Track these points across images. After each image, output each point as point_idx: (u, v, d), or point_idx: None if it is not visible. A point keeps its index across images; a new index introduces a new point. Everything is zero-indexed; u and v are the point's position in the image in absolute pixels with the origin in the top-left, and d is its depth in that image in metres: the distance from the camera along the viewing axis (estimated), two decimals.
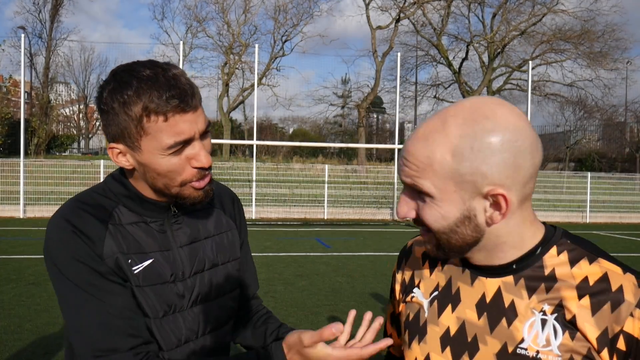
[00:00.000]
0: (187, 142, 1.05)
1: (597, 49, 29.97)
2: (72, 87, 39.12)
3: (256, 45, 19.02)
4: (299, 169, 20.93)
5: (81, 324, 1.06)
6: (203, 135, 1.09)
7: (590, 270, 0.86)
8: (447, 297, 0.97)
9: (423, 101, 34.91)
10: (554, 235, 0.92)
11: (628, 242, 13.43)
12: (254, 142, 17.61)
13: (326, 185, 19.03)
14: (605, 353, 0.82)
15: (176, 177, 1.07)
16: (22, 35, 17.78)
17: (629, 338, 0.81)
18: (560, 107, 34.58)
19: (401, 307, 1.08)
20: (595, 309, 0.83)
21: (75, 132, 38.77)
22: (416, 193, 0.89)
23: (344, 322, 1.05)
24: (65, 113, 39.46)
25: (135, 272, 1.11)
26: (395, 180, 19.09)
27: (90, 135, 40.44)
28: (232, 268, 1.29)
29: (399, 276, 1.11)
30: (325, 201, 18.81)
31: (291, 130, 42.74)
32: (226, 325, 1.28)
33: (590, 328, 0.82)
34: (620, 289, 0.83)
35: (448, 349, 0.94)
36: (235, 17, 32.10)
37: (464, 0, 29.23)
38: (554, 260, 0.89)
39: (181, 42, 18.92)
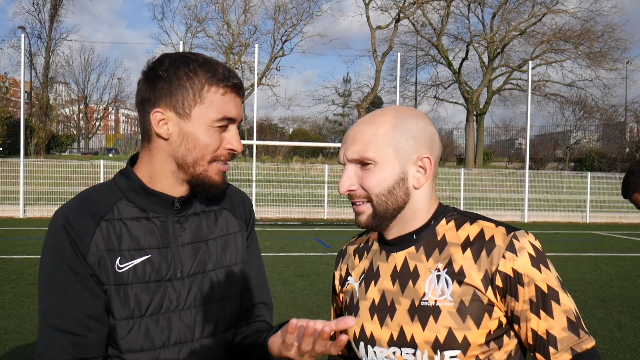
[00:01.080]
0: (230, 122, 1.14)
1: (597, 49, 29.98)
2: (72, 87, 39.11)
3: (256, 45, 19.03)
4: (299, 169, 20.94)
5: (39, 321, 1.11)
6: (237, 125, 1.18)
7: (471, 229, 1.08)
8: (370, 276, 1.16)
9: (423, 101, 34.94)
10: (444, 209, 1.13)
11: (628, 242, 13.43)
12: (254, 142, 17.61)
13: (326, 185, 19.03)
14: (490, 291, 1.02)
15: (210, 152, 1.13)
16: (22, 35, 17.79)
17: (504, 276, 1.01)
18: (560, 107, 34.60)
19: (341, 297, 1.26)
20: (475, 257, 1.03)
21: (75, 132, 38.76)
22: (358, 167, 1.09)
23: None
24: (65, 113, 39.45)
25: (123, 269, 1.10)
26: None
27: (90, 135, 40.45)
28: (238, 271, 1.26)
29: (337, 273, 1.29)
30: (325, 201, 18.82)
31: (291, 130, 42.71)
32: (230, 330, 1.24)
33: (475, 273, 1.02)
34: (492, 238, 1.04)
35: (376, 316, 1.11)
36: (235, 17, 32.11)
37: (464, 0, 29.22)
38: (444, 228, 1.10)
39: (181, 42, 18.95)
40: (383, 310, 1.10)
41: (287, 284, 7.29)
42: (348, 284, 1.22)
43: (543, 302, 1.00)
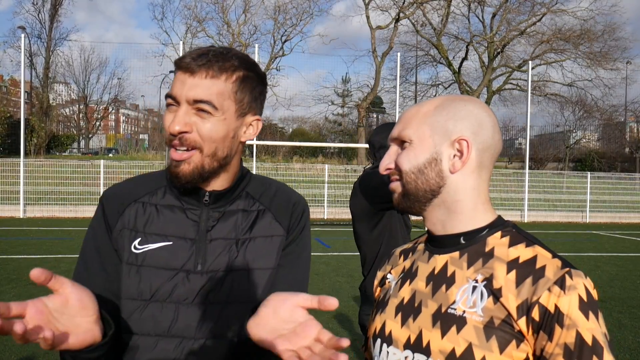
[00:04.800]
0: (175, 101, 1.08)
1: (597, 48, 29.98)
2: (72, 87, 39.12)
3: (256, 45, 19.01)
4: (299, 169, 20.94)
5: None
6: (197, 106, 1.07)
7: (524, 252, 0.99)
8: (408, 275, 1.12)
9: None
10: (504, 223, 1.06)
11: (628, 242, 13.42)
12: (254, 142, 17.60)
13: (326, 185, 19.02)
14: (523, 321, 0.93)
15: (167, 134, 1.10)
16: (22, 35, 17.78)
17: (542, 310, 0.91)
18: (560, 107, 34.59)
19: (378, 291, 1.24)
20: (519, 281, 0.95)
21: (75, 132, 38.77)
22: (398, 147, 1.08)
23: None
24: (65, 113, 39.46)
25: (139, 251, 1.12)
26: None
27: (90, 135, 40.45)
28: (265, 277, 1.18)
29: (379, 274, 1.26)
30: (325, 201, 18.81)
31: (291, 130, 42.68)
32: (240, 336, 1.14)
33: (512, 298, 0.94)
34: (543, 267, 0.95)
35: (399, 315, 1.07)
36: (235, 17, 32.16)
37: (464, 0, 29.23)
38: (496, 240, 1.03)
39: (181, 42, 18.93)
40: (409, 310, 1.06)
41: None
42: (387, 280, 1.19)
43: (582, 353, 0.88)
